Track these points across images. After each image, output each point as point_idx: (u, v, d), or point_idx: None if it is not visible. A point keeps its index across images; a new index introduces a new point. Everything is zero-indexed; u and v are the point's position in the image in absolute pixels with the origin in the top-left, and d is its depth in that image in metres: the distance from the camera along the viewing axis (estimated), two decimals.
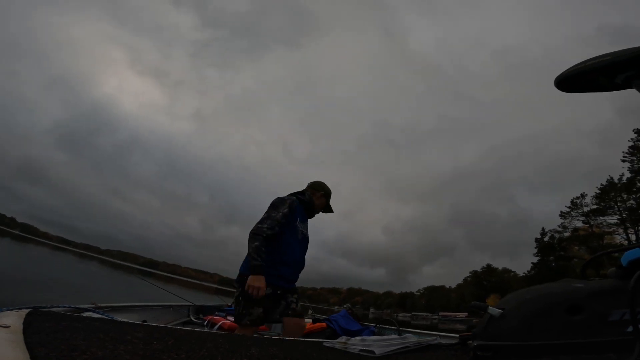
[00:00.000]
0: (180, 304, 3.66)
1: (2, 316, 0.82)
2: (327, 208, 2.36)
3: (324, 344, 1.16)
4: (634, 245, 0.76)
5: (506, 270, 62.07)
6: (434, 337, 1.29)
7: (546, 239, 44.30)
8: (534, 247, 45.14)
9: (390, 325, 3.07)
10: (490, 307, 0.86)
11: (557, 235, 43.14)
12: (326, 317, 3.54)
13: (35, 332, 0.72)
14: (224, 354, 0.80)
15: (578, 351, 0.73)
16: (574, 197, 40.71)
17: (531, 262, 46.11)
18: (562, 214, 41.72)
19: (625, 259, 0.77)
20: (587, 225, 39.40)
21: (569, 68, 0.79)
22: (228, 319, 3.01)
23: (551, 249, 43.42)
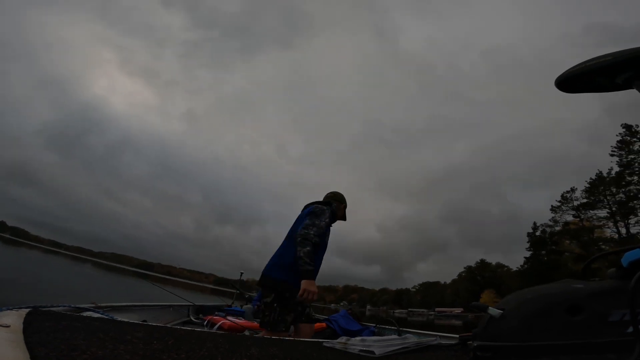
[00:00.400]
0: (180, 303, 3.66)
1: (2, 316, 0.82)
2: (343, 217, 2.47)
3: (324, 344, 1.16)
4: (635, 246, 0.77)
5: (500, 265, 62.75)
6: (434, 338, 1.29)
7: (538, 233, 44.79)
8: (527, 242, 45.82)
9: (390, 326, 3.08)
10: (490, 308, 0.85)
11: (548, 230, 43.64)
12: (326, 317, 3.54)
13: (35, 331, 0.71)
14: (224, 354, 0.80)
15: (578, 351, 0.73)
16: (564, 192, 41.29)
17: (524, 257, 46.72)
18: (553, 208, 42.22)
19: (625, 259, 0.77)
20: (578, 219, 39.90)
21: (570, 68, 0.79)
22: (228, 318, 3.00)
23: (543, 244, 43.96)
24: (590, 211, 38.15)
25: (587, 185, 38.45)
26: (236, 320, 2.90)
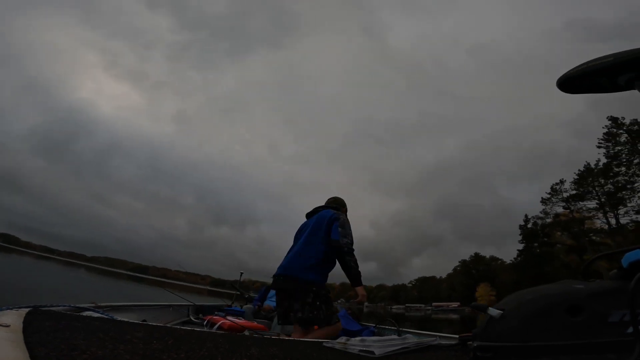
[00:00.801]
0: (180, 303, 3.64)
1: (2, 315, 0.81)
2: None
3: (324, 344, 1.16)
4: (635, 247, 0.77)
5: (494, 258, 63.29)
6: (434, 338, 1.30)
7: (529, 225, 45.24)
8: (519, 235, 46.34)
9: (390, 325, 3.09)
10: (490, 308, 0.85)
11: (539, 222, 44.04)
12: None
13: (35, 331, 0.71)
14: (224, 354, 0.79)
15: (578, 352, 0.74)
16: (553, 184, 41.67)
17: (517, 250, 47.23)
18: (543, 200, 42.48)
19: (625, 260, 0.77)
20: (568, 210, 40.33)
21: (571, 69, 0.79)
22: (228, 318, 2.97)
23: (535, 236, 44.54)
24: (580, 202, 38.50)
25: (576, 177, 38.79)
26: (236, 320, 2.88)
